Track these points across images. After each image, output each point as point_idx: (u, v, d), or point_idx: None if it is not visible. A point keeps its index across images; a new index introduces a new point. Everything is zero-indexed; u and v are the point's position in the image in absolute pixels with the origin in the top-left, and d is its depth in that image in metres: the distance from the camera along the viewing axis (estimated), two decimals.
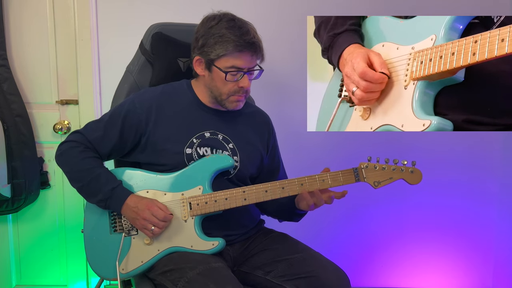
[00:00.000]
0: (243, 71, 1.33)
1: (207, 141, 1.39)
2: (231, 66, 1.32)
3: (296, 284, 1.28)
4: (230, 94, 1.36)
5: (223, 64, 1.32)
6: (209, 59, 1.34)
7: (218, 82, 1.35)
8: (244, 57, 1.31)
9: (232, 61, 1.31)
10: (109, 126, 1.36)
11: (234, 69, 1.32)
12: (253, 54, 1.32)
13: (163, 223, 1.28)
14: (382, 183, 1.33)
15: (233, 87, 1.35)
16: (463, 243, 2.23)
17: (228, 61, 1.32)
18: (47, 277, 2.19)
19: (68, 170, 1.35)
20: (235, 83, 1.34)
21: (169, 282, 1.23)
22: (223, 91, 1.36)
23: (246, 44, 1.30)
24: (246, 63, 1.32)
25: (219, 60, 1.32)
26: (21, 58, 2.04)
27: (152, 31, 1.58)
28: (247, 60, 1.32)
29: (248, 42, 1.30)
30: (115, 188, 1.30)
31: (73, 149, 1.34)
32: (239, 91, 1.36)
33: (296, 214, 1.45)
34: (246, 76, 1.34)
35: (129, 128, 1.36)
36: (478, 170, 2.17)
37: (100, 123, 1.38)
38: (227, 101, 1.38)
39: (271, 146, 1.53)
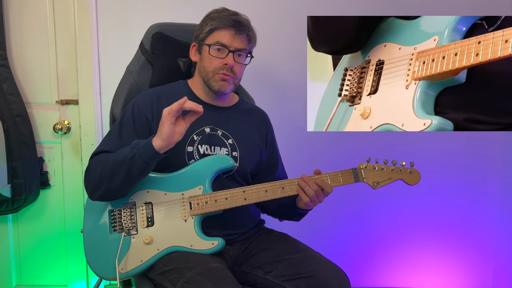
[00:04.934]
0: (229, 49, 1.37)
1: (207, 137, 1.40)
2: (216, 42, 1.38)
3: (296, 284, 1.28)
4: (215, 72, 1.39)
5: (209, 41, 1.39)
6: (200, 40, 1.41)
7: (206, 62, 1.40)
8: (228, 34, 1.37)
9: (217, 37, 1.38)
10: (124, 132, 1.36)
11: (218, 45, 1.37)
12: (238, 33, 1.37)
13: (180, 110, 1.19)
14: (381, 183, 1.34)
15: (218, 64, 1.38)
16: (463, 243, 2.23)
17: (214, 37, 1.38)
18: (47, 277, 2.19)
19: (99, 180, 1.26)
20: (220, 60, 1.38)
21: (168, 282, 1.23)
22: (209, 69, 1.40)
23: (232, 21, 1.37)
24: (230, 41, 1.37)
25: (207, 38, 1.40)
26: (21, 58, 2.04)
27: (152, 31, 1.58)
28: (231, 38, 1.37)
29: (234, 20, 1.37)
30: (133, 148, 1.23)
31: (93, 162, 1.30)
32: (224, 68, 1.38)
33: (297, 214, 1.45)
34: (231, 54, 1.38)
35: (142, 127, 1.36)
36: (478, 170, 2.18)
37: (113, 133, 1.37)
38: (213, 79, 1.40)
39: (269, 141, 1.54)
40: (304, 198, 1.32)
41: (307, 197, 1.32)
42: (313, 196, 1.31)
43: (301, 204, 1.36)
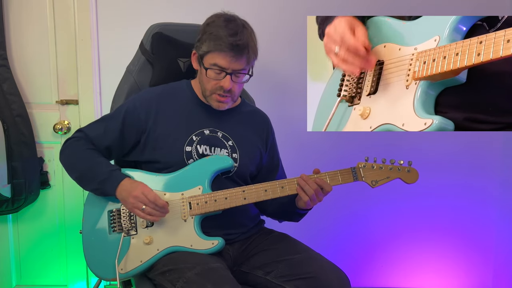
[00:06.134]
0: (226, 71, 1.33)
1: (206, 138, 1.40)
2: (213, 64, 1.33)
3: (296, 284, 1.28)
4: (212, 92, 1.37)
5: (208, 61, 1.34)
6: (200, 54, 1.37)
7: (203, 78, 1.37)
8: (226, 57, 1.31)
9: (215, 59, 1.32)
10: (110, 125, 1.39)
11: (216, 68, 1.32)
12: (236, 56, 1.31)
13: (153, 205, 1.26)
14: (379, 182, 1.34)
15: (215, 85, 1.35)
16: (463, 243, 2.23)
17: (212, 59, 1.33)
18: (47, 277, 2.19)
19: (69, 161, 1.38)
20: (216, 82, 1.35)
21: (167, 282, 1.23)
22: (206, 87, 1.38)
23: (229, 45, 1.29)
24: (228, 64, 1.31)
25: (206, 57, 1.34)
26: (21, 58, 2.04)
27: (152, 31, 1.58)
28: (229, 61, 1.31)
29: (232, 44, 1.29)
30: (113, 170, 1.32)
31: (75, 142, 1.38)
32: (220, 90, 1.36)
33: (297, 214, 1.45)
34: (229, 77, 1.33)
35: (130, 127, 1.38)
36: (478, 170, 2.18)
37: (101, 122, 1.42)
38: (210, 98, 1.39)
39: (270, 144, 1.54)
40: (304, 197, 1.32)
41: (306, 196, 1.32)
42: (312, 195, 1.31)
43: (301, 204, 1.36)
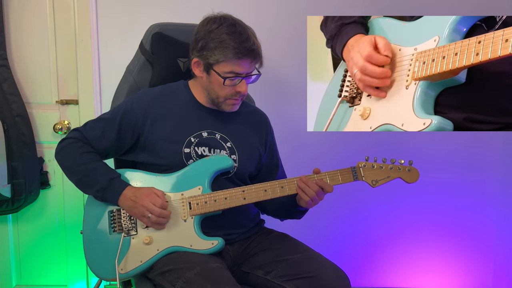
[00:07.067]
0: (241, 76, 1.34)
1: (205, 140, 1.40)
2: (229, 72, 1.32)
3: (297, 284, 1.28)
4: (227, 98, 1.37)
5: (222, 69, 1.33)
6: (208, 63, 1.34)
7: (216, 86, 1.36)
8: (243, 63, 1.32)
9: (231, 67, 1.32)
10: (107, 125, 1.38)
11: (232, 75, 1.33)
12: (252, 61, 1.33)
13: (159, 211, 1.28)
14: (380, 181, 1.34)
15: (231, 91, 1.36)
16: (463, 243, 2.23)
17: (227, 67, 1.32)
18: (47, 277, 2.19)
19: (66, 164, 1.37)
20: (232, 88, 1.35)
21: (167, 282, 1.23)
22: (220, 94, 1.37)
23: (246, 51, 1.30)
24: (244, 69, 1.33)
25: (218, 65, 1.33)
26: (21, 58, 2.04)
27: (152, 31, 1.58)
28: (246, 67, 1.33)
29: (248, 49, 1.30)
30: (113, 178, 1.32)
31: (72, 144, 1.36)
32: (236, 95, 1.37)
33: (297, 211, 1.45)
34: (244, 81, 1.35)
35: (126, 127, 1.38)
36: (478, 170, 2.17)
37: (98, 122, 1.41)
38: (224, 103, 1.39)
39: (269, 144, 1.53)
40: (305, 197, 1.32)
41: (307, 197, 1.32)
42: (313, 196, 1.31)
43: (302, 203, 1.36)
